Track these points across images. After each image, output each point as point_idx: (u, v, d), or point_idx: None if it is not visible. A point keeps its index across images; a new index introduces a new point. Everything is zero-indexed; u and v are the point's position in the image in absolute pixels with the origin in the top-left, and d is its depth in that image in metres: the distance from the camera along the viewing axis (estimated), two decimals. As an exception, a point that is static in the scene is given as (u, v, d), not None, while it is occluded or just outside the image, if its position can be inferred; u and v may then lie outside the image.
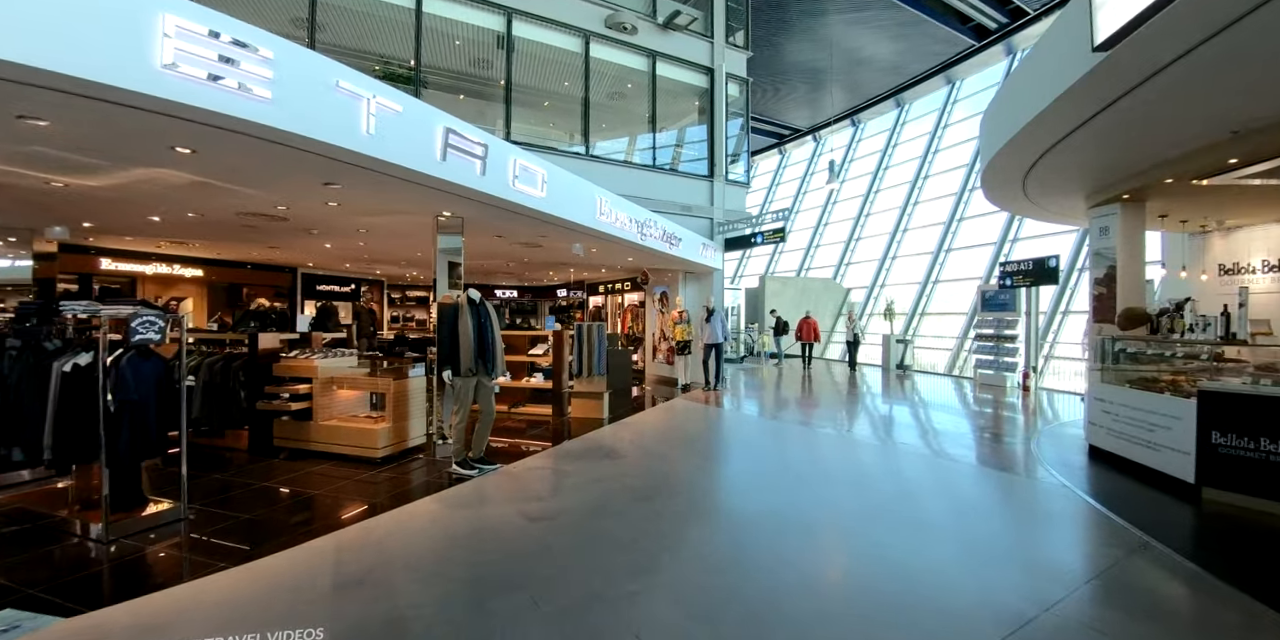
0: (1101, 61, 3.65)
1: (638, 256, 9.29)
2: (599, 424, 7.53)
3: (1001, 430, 7.28)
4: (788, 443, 6.58)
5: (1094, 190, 6.40)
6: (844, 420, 7.84)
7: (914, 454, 6.01)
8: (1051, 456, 5.81)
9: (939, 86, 21.27)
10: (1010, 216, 16.30)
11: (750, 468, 5.55)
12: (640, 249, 8.12)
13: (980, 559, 3.39)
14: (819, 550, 3.59)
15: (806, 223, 25.07)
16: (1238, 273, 7.67)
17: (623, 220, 7.23)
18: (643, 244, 7.50)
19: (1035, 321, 10.69)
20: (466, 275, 13.56)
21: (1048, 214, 8.28)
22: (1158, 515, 4.31)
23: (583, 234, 6.80)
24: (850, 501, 4.53)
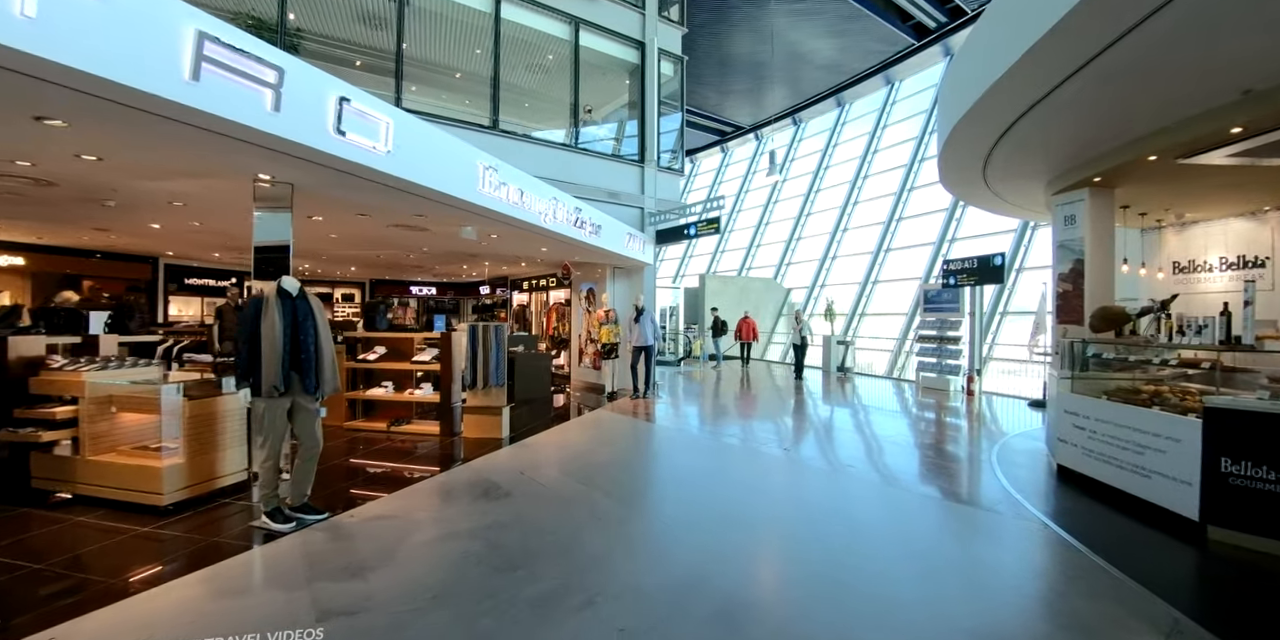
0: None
1: (554, 247, 7.98)
2: (496, 445, 6.18)
3: (954, 445, 6.40)
4: (718, 470, 5.43)
5: (1062, 172, 5.57)
6: (784, 435, 6.80)
7: (863, 482, 4.97)
8: (1016, 481, 4.89)
9: (878, 87, 20.95)
10: (949, 216, 15.96)
11: (668, 510, 4.34)
12: (551, 237, 6.82)
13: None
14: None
15: (748, 222, 24.40)
16: (1193, 271, 7.11)
17: (522, 199, 5.92)
18: (547, 228, 6.20)
19: (980, 322, 10.04)
20: (365, 268, 11.78)
21: (1007, 205, 7.52)
22: (1168, 568, 3.38)
23: (468, 213, 5.45)
24: (791, 562, 3.40)
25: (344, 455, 5.80)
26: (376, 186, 4.36)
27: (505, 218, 5.72)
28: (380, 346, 7.23)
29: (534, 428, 7.03)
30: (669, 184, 10.35)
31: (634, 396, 9.20)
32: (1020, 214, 8.15)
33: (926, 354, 11.06)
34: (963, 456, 5.82)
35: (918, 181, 17.93)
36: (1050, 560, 3.45)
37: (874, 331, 18.19)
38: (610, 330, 9.36)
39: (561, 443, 6.33)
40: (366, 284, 15.42)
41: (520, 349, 9.20)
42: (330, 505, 4.12)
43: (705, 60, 19.96)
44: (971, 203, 7.82)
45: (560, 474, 5.01)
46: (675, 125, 10.94)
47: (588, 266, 10.55)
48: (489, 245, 7.88)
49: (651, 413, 8.08)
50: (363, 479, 5.07)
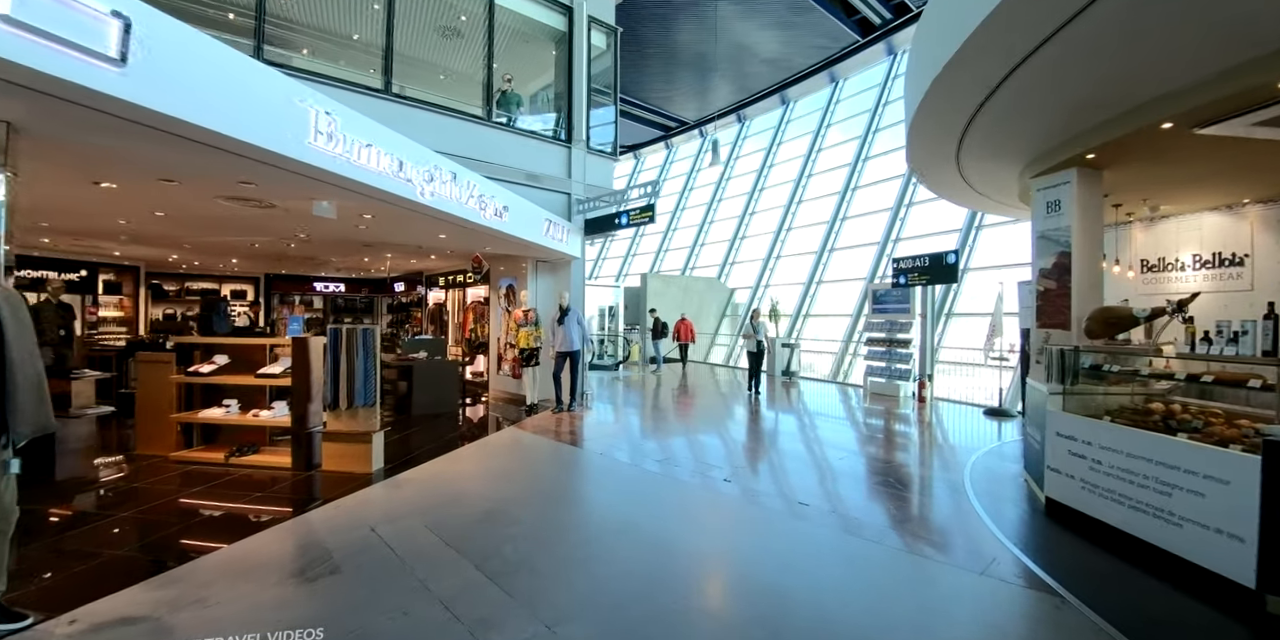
0: None
1: (455, 234, 6.58)
2: (362, 482, 4.76)
3: (920, 468, 5.45)
4: (643, 517, 4.22)
5: (1050, 148, 4.68)
6: (728, 459, 5.69)
7: (821, 528, 3.87)
8: (1003, 522, 3.94)
9: (823, 85, 20.47)
10: (893, 216, 15.48)
11: (563, 595, 3.10)
12: (444, 219, 5.45)
13: None
14: None
15: (692, 220, 23.52)
16: (1163, 269, 6.48)
17: (403, 170, 4.55)
18: (435, 207, 4.82)
19: (931, 324, 9.32)
20: (250, 261, 9.94)
21: (973, 195, 6.69)
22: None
23: (309, 181, 4.03)
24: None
25: (145, 502, 4.25)
26: (126, 127, 2.92)
27: (369, 190, 4.32)
28: (222, 355, 5.65)
29: (421, 455, 5.63)
30: (600, 168, 9.11)
31: (557, 410, 7.90)
32: (988, 206, 7.38)
33: (875, 357, 10.29)
34: (933, 486, 4.85)
35: (862, 180, 17.46)
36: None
37: (818, 333, 17.59)
38: (529, 333, 8.03)
39: (448, 477, 4.96)
40: (261, 280, 13.43)
41: (422, 355, 7.74)
42: (52, 599, 2.67)
43: (650, 50, 18.89)
44: (938, 189, 6.98)
45: (426, 531, 3.67)
46: (609, 106, 9.71)
47: (506, 260, 9.17)
48: (373, 231, 6.41)
49: (575, 430, 6.81)
50: (139, 545, 3.57)
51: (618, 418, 7.72)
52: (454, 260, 9.71)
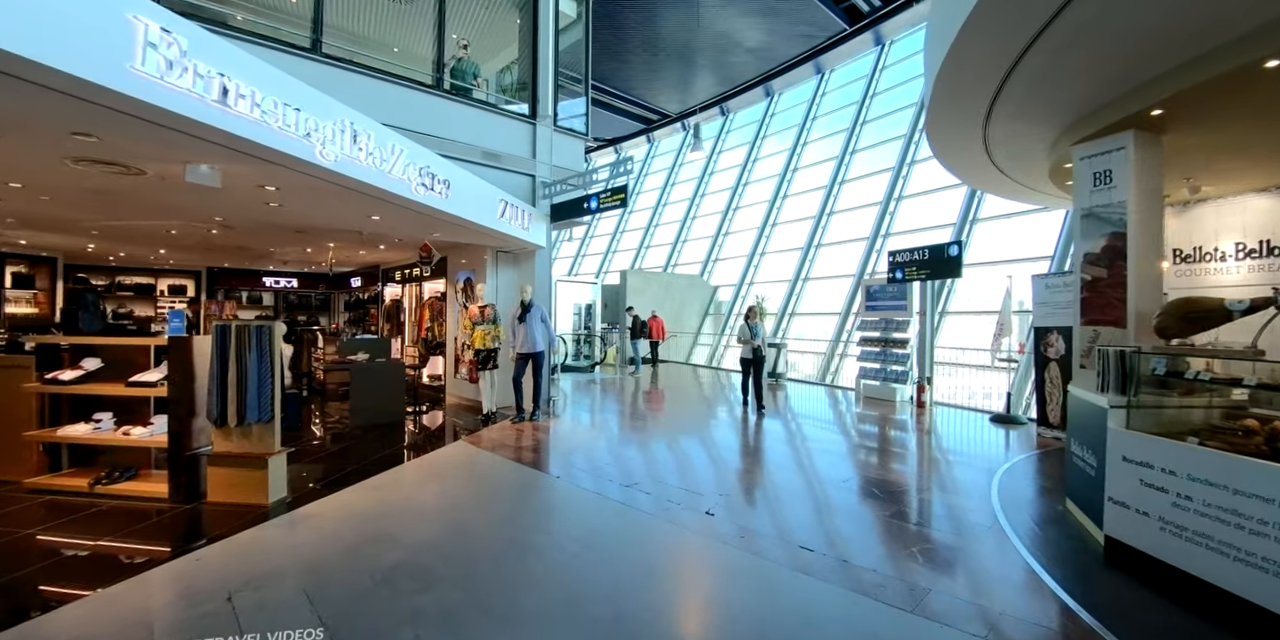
0: None
1: (392, 216, 5.55)
2: (252, 519, 3.75)
3: (941, 494, 4.58)
4: (607, 581, 3.28)
5: (1100, 108, 3.82)
6: (712, 483, 4.76)
7: (831, 586, 2.97)
8: (1061, 569, 3.08)
9: (808, 76, 19.71)
10: (882, 210, 14.75)
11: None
12: (360, 191, 4.43)
13: None
14: None
15: (674, 216, 22.63)
16: (1199, 260, 5.71)
17: (267, 110, 3.51)
18: (324, 166, 3.74)
19: (931, 322, 8.51)
20: (183, 253, 8.81)
21: (998, 178, 5.84)
22: None
23: (151, 125, 3.00)
24: None
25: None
26: None
27: (247, 146, 3.30)
28: (93, 358, 4.57)
29: (341, 479, 4.61)
30: (569, 149, 8.13)
31: (518, 419, 6.91)
32: (1009, 190, 6.56)
33: (869, 359, 9.47)
34: (960, 520, 3.97)
35: (849, 174, 16.72)
36: None
37: (804, 332, 16.81)
38: (486, 332, 7.02)
39: (362, 512, 3.95)
40: (202, 274, 12.20)
41: (362, 357, 6.70)
42: None
43: (631, 38, 17.97)
44: (958, 168, 6.17)
45: (303, 600, 2.69)
46: (581, 85, 8.73)
47: (463, 250, 8.16)
48: (290, 210, 5.36)
49: (534, 445, 5.83)
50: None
51: (587, 429, 6.75)
52: (407, 251, 8.66)
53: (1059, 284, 6.41)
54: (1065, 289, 6.32)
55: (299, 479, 4.63)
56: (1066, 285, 6.31)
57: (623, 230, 24.59)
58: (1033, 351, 6.76)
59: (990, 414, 7.73)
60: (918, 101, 15.46)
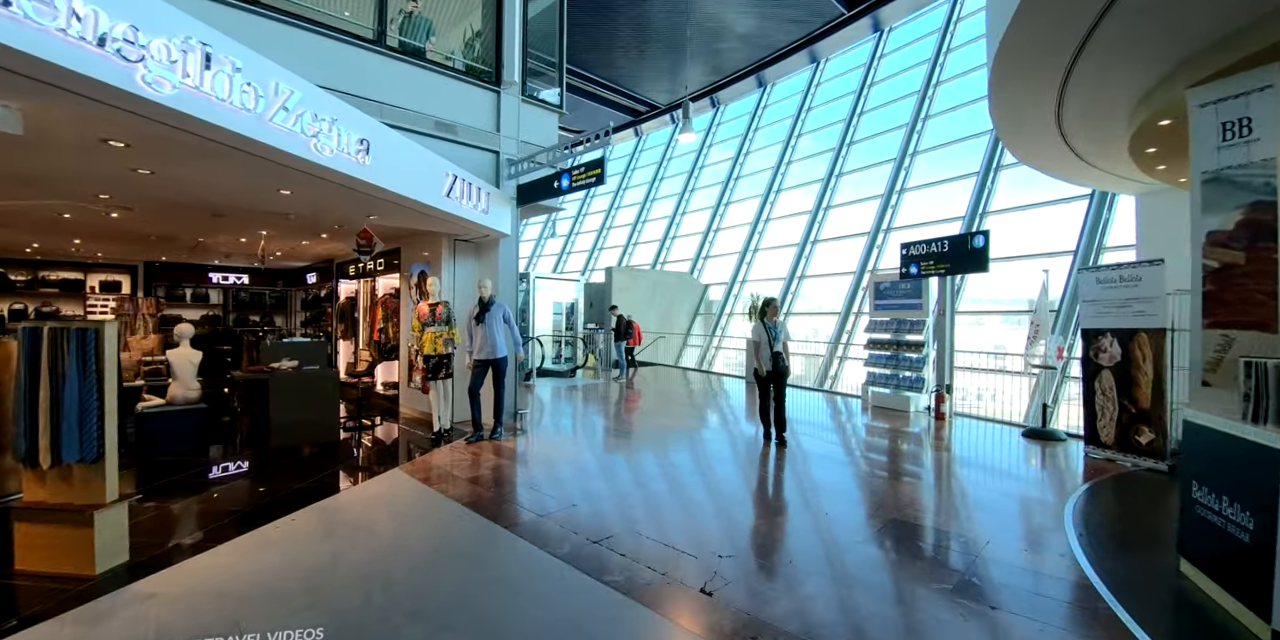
0: None
1: (302, 188, 4.40)
2: (71, 597, 2.61)
3: (1002, 553, 3.52)
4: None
5: (1230, 37, 2.80)
6: (719, 536, 3.69)
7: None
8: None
9: (803, 65, 18.74)
10: (884, 204, 13.79)
11: None
12: (242, 149, 3.29)
13: None
14: None
15: (663, 211, 21.59)
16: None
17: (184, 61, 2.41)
18: (153, 100, 2.59)
19: (951, 323, 7.50)
20: (114, 244, 7.65)
21: (1063, 157, 4.82)
22: None
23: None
24: None
25: None
26: None
27: (41, 69, 2.19)
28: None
29: (223, 529, 3.46)
30: (540, 123, 7.00)
31: (474, 439, 5.78)
32: (1074, 172, 5.54)
33: (878, 363, 8.45)
34: (1046, 590, 2.92)
35: (846, 167, 15.77)
36: None
37: (800, 333, 15.83)
38: (437, 334, 5.89)
39: (225, 589, 2.80)
40: (139, 269, 10.93)
41: (287, 365, 5.55)
42: None
43: (618, 22, 16.87)
44: (1021, 146, 5.15)
45: None
46: (553, 59, 7.60)
47: (420, 240, 7.03)
48: (168, 178, 4.19)
49: (488, 477, 4.70)
50: None
51: (557, 452, 5.62)
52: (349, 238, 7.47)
53: (1114, 279, 5.41)
54: (1124, 285, 5.32)
55: (161, 529, 3.49)
56: (1125, 280, 5.31)
57: (609, 226, 23.52)
58: (1083, 358, 5.76)
59: (1021, 428, 6.72)
60: (919, 89, 14.55)
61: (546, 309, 13.13)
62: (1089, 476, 4.90)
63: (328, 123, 3.53)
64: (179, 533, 3.48)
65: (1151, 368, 5.15)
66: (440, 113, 6.11)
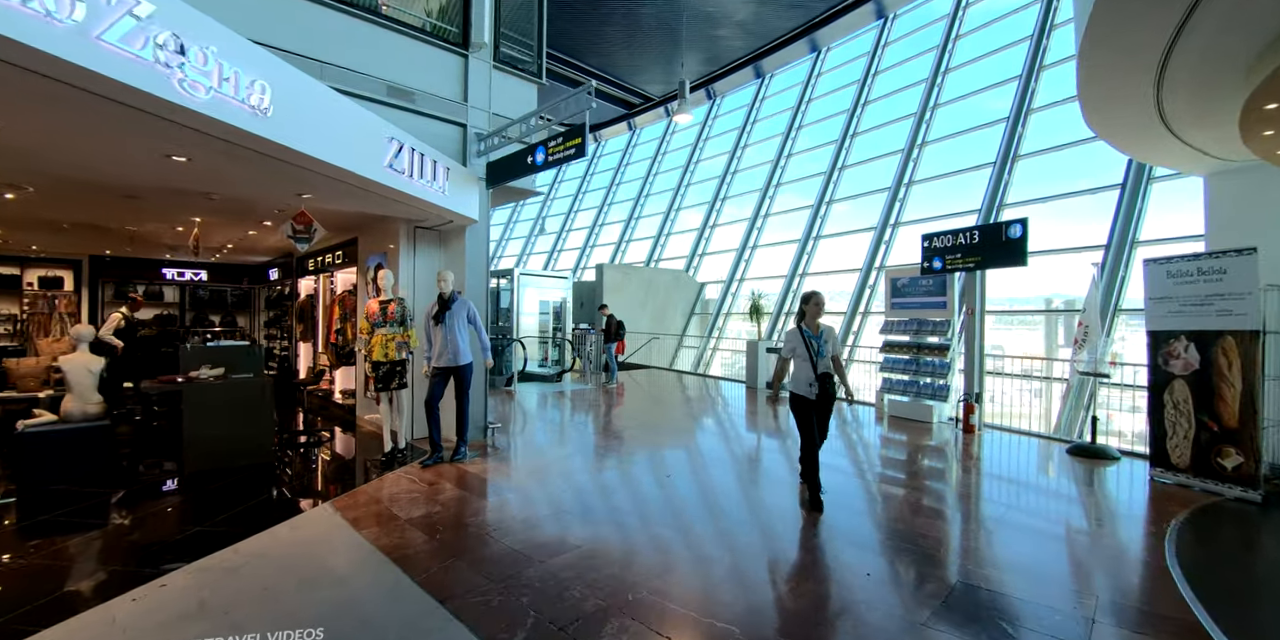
0: None
1: (204, 153, 3.45)
2: None
3: (1112, 619, 2.63)
4: None
5: None
6: (728, 593, 2.79)
7: None
8: None
9: (803, 54, 17.89)
10: (891, 196, 12.93)
11: None
12: (59, 78, 2.36)
13: None
14: None
15: (658, 207, 20.71)
16: None
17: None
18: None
19: (981, 324, 6.62)
20: (51, 236, 6.63)
21: (1159, 137, 3.93)
22: None
23: None
24: None
25: None
26: None
27: None
28: None
29: (59, 603, 2.52)
30: (514, 93, 6.06)
31: (431, 461, 4.84)
32: (1166, 156, 4.65)
33: (895, 368, 7.56)
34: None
35: (849, 159, 14.92)
36: None
37: (801, 334, 15.00)
38: (389, 337, 4.95)
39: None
40: (84, 263, 9.91)
41: (209, 374, 4.60)
42: None
43: (612, 9, 15.99)
44: (1107, 123, 4.24)
45: None
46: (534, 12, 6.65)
47: (379, 228, 6.09)
48: (20, 135, 3.24)
49: (443, 518, 3.76)
50: None
51: (532, 480, 4.67)
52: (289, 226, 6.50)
53: (1190, 272, 4.53)
54: (1204, 279, 4.45)
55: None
56: (1206, 274, 4.44)
57: (602, 223, 22.62)
58: (1149, 365, 4.88)
59: (1062, 442, 5.85)
60: (928, 77, 13.71)
61: (533, 308, 12.20)
62: (1168, 509, 4.03)
63: (202, 54, 2.59)
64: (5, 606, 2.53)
65: (1239, 378, 4.28)
66: (395, 77, 5.16)
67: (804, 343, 4.01)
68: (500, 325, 11.99)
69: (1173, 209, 8.43)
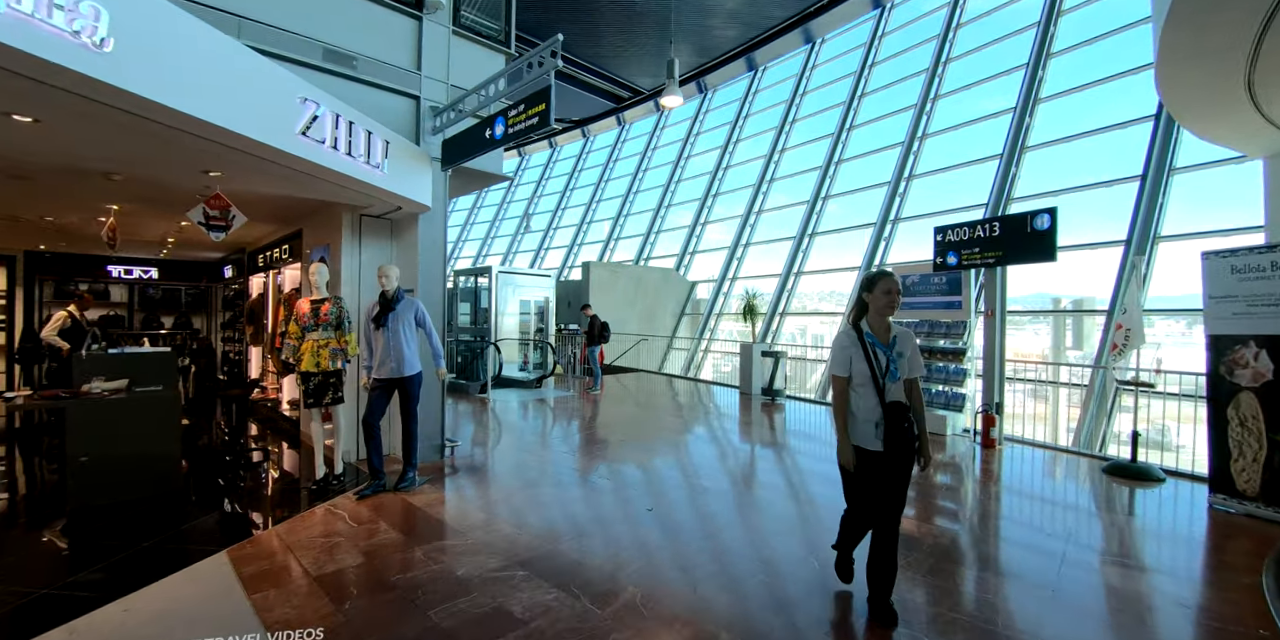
0: None
1: (39, 106, 2.68)
2: None
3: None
4: None
5: None
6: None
7: None
8: None
9: (797, 45, 17.22)
10: (891, 191, 12.26)
11: None
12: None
13: None
14: None
15: (647, 204, 19.99)
16: None
17: None
18: None
19: (1002, 327, 5.93)
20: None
21: (1253, 82, 3.23)
22: None
23: None
24: None
25: None
26: None
27: None
28: None
29: None
30: (477, 63, 5.27)
31: (368, 492, 4.06)
32: (1217, 120, 3.95)
33: (903, 375, 6.85)
34: None
35: (846, 154, 14.25)
36: None
37: (795, 336, 14.30)
38: (320, 342, 4.18)
39: None
40: (18, 259, 9.02)
41: (109, 387, 3.80)
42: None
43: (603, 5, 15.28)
44: (1189, 109, 3.54)
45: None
46: None
47: (318, 217, 5.29)
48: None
49: (367, 574, 3.01)
50: None
51: (490, 515, 3.87)
52: (262, 222, 5.71)
53: (1262, 266, 3.85)
54: (1278, 274, 3.78)
55: None
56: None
57: (590, 221, 21.86)
58: (1209, 374, 4.20)
59: (1093, 458, 5.17)
60: (929, 67, 13.07)
61: (514, 309, 11.42)
62: (1242, 546, 3.34)
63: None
64: None
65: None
66: (334, 38, 4.38)
67: (866, 351, 2.46)
68: (479, 326, 11.20)
69: (1196, 203, 7.80)
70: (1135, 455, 4.87)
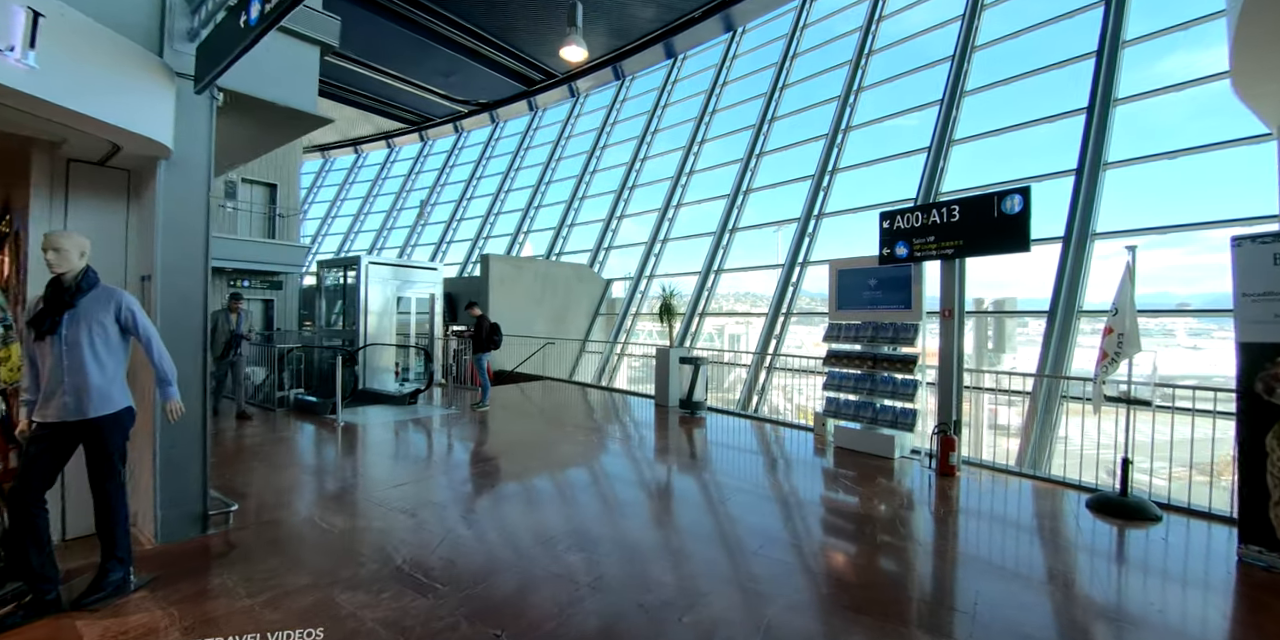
0: None
1: None
2: None
3: None
4: None
5: None
6: None
7: None
8: None
9: (717, 33, 16.36)
10: (815, 185, 11.51)
11: None
12: None
13: None
14: None
15: (560, 195, 18.42)
16: None
17: None
18: None
19: (960, 329, 4.99)
20: None
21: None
22: None
23: None
24: None
25: None
26: None
27: None
28: None
29: None
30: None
31: (15, 620, 2.28)
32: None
33: (843, 386, 5.82)
34: None
35: (767, 146, 13.47)
36: None
37: (713, 339, 13.34)
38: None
39: None
40: None
41: None
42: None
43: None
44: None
45: None
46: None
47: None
48: None
49: None
50: None
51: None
52: None
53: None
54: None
55: None
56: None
57: (497, 213, 19.94)
58: (1238, 390, 3.34)
59: (1091, 496, 4.29)
60: (851, 59, 12.53)
61: (389, 308, 9.47)
62: (1208, 603, 2.41)
63: None
64: None
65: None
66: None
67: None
68: (348, 329, 9.19)
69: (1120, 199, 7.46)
70: (1126, 488, 4.01)
